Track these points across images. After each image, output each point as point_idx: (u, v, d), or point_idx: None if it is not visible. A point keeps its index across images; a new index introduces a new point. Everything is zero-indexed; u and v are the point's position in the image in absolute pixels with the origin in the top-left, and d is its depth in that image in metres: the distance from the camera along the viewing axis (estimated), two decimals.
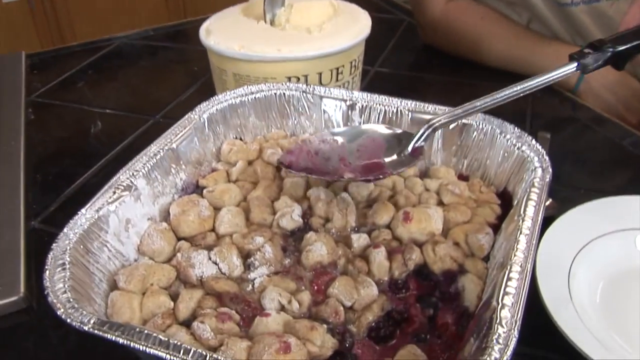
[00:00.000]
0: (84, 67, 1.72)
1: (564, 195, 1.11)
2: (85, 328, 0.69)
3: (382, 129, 0.98)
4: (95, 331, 0.68)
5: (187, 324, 0.78)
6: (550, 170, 0.89)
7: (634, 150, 1.32)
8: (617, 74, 1.53)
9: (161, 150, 0.95)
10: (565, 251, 0.95)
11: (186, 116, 1.03)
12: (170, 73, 1.72)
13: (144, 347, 0.65)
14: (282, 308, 0.79)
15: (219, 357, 0.63)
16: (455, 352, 0.76)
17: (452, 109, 0.94)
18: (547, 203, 1.07)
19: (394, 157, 0.94)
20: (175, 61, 1.78)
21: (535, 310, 0.85)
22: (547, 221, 0.96)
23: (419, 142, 0.93)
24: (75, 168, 1.27)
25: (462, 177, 1.02)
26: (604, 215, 1.01)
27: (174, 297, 0.82)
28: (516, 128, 0.96)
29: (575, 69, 0.90)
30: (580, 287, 0.91)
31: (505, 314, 0.67)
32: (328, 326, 0.77)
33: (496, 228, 0.89)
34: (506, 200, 0.94)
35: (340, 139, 0.97)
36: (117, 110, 1.50)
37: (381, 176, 0.92)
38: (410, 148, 0.93)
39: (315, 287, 0.83)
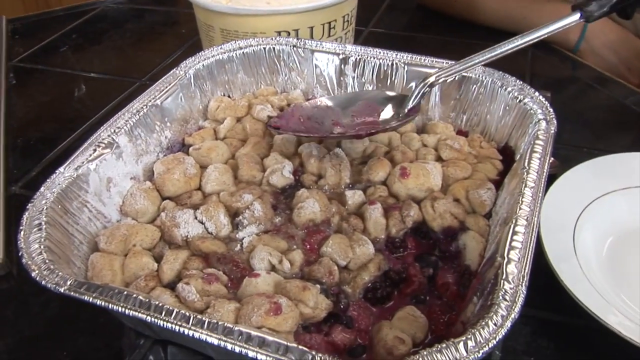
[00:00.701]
0: (68, 31, 1.67)
1: (566, 154, 1.07)
2: (61, 290, 0.64)
3: (378, 93, 0.93)
4: (72, 293, 0.64)
5: (171, 286, 0.73)
6: (555, 122, 0.84)
7: (637, 109, 1.28)
8: (618, 33, 1.49)
9: (144, 107, 0.91)
10: (570, 209, 0.90)
11: (171, 72, 0.99)
12: (157, 36, 1.67)
13: (124, 309, 0.61)
14: (273, 268, 0.75)
15: (204, 318, 0.59)
16: (457, 313, 0.72)
17: (449, 64, 0.89)
18: (550, 161, 1.03)
19: (390, 116, 0.90)
20: (162, 23, 1.73)
21: (539, 271, 0.81)
22: (549, 179, 0.92)
23: (415, 101, 0.88)
24: (58, 132, 1.22)
25: (461, 133, 0.97)
26: (609, 172, 0.96)
27: (158, 259, 0.77)
28: (518, 80, 0.92)
29: (579, 18, 0.85)
30: (585, 244, 0.86)
31: (511, 269, 0.63)
32: (322, 287, 0.73)
33: (498, 184, 0.85)
34: (508, 156, 0.89)
35: (333, 104, 0.93)
36: (102, 74, 1.45)
37: (373, 130, 0.87)
38: (407, 109, 0.89)
39: (308, 246, 0.78)
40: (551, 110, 0.86)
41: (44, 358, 0.79)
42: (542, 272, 0.79)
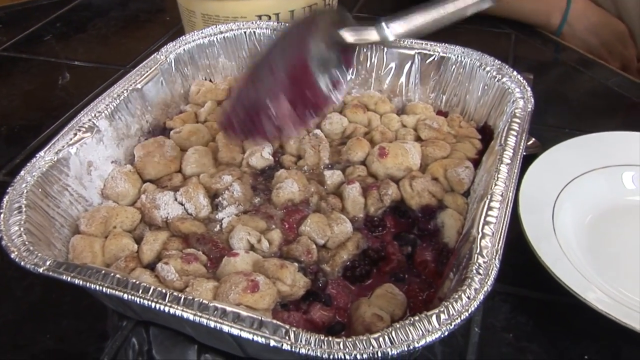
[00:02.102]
0: (52, 20, 1.66)
1: (548, 135, 1.07)
2: (40, 270, 0.65)
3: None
4: (51, 273, 0.64)
5: (152, 267, 0.74)
6: (532, 100, 0.85)
7: (619, 90, 1.28)
8: (600, 16, 1.49)
9: (125, 91, 0.91)
10: (549, 188, 0.91)
11: (152, 57, 0.99)
12: (141, 23, 1.66)
13: (101, 288, 0.61)
14: (252, 248, 0.75)
15: (180, 295, 0.59)
16: (435, 290, 0.73)
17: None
18: (530, 142, 1.04)
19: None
20: (147, 11, 1.72)
21: (518, 250, 0.82)
22: (530, 159, 0.93)
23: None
24: (42, 120, 1.22)
25: (441, 114, 0.98)
26: (589, 151, 0.97)
27: (139, 241, 0.78)
28: (496, 60, 0.92)
29: None
30: (565, 223, 0.87)
31: (485, 243, 0.63)
32: (300, 265, 0.74)
33: (477, 163, 0.85)
34: (487, 135, 0.90)
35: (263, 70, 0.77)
36: (86, 62, 1.44)
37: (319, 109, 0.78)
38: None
39: (287, 226, 0.79)
40: (529, 88, 0.86)
41: (27, 341, 0.79)
42: (521, 251, 0.80)
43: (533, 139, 1.06)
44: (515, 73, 0.89)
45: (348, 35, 0.74)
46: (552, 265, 0.76)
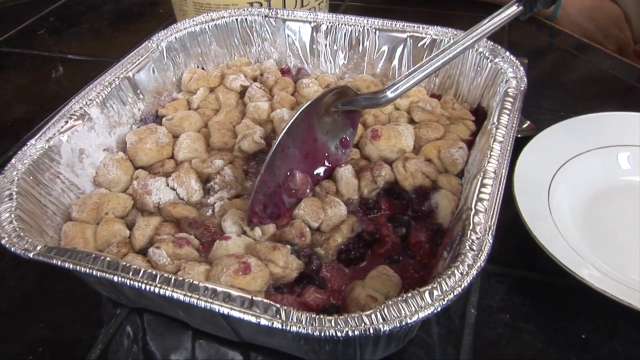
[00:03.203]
0: (45, 14, 1.66)
1: (544, 118, 1.06)
2: (30, 255, 0.64)
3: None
4: (41, 258, 0.64)
5: (144, 252, 0.73)
6: (525, 80, 0.84)
7: (615, 74, 1.28)
8: (594, 0, 1.48)
9: (116, 79, 0.91)
10: (545, 168, 0.90)
11: (143, 44, 0.98)
12: (134, 16, 1.66)
13: (92, 270, 0.61)
14: (244, 233, 0.74)
15: (170, 276, 0.59)
16: (430, 271, 0.72)
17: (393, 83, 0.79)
18: (525, 125, 1.04)
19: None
20: (140, 4, 1.71)
21: (514, 231, 0.82)
22: (525, 142, 0.92)
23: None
24: (35, 113, 1.22)
25: (435, 97, 0.97)
26: (584, 132, 0.97)
27: (131, 227, 0.77)
28: (489, 41, 0.92)
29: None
30: (560, 203, 0.87)
31: (478, 219, 0.63)
32: (293, 248, 0.73)
33: (471, 144, 0.85)
34: (481, 117, 0.89)
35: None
36: (79, 56, 1.44)
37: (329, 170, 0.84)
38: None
39: None
40: (521, 68, 0.86)
41: (21, 330, 0.78)
42: (517, 232, 0.80)
43: (528, 122, 1.05)
44: (507, 53, 0.89)
45: (351, 104, 0.81)
46: (548, 244, 0.76)
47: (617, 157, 0.94)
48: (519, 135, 1.00)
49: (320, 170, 0.82)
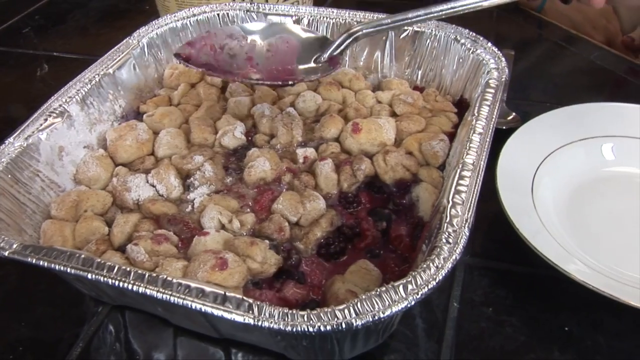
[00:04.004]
0: (31, 12, 1.65)
1: (530, 110, 1.06)
2: (6, 253, 0.64)
3: (299, 31, 0.88)
4: (16, 256, 0.63)
5: (123, 249, 0.73)
6: (507, 71, 0.84)
7: (603, 65, 1.27)
8: None
9: (96, 76, 0.90)
10: (528, 160, 0.90)
11: (124, 41, 0.98)
12: (120, 13, 1.65)
13: (66, 268, 0.60)
14: (223, 227, 0.74)
15: (144, 273, 0.58)
16: (410, 265, 0.72)
17: (380, 18, 0.86)
18: (510, 117, 1.03)
19: (309, 64, 0.85)
20: (126, 1, 1.70)
21: (498, 224, 0.81)
22: (509, 133, 0.92)
23: (337, 51, 0.84)
24: (20, 111, 1.21)
25: (417, 89, 0.96)
26: (568, 124, 0.96)
27: (111, 224, 0.77)
28: (471, 32, 0.91)
29: None
30: (544, 195, 0.86)
31: (455, 212, 0.63)
32: (272, 243, 0.73)
33: (453, 137, 0.84)
34: (463, 109, 0.89)
35: (250, 37, 0.88)
36: (65, 53, 1.43)
37: (291, 82, 0.86)
38: (327, 56, 0.84)
39: (259, 206, 0.77)
40: (503, 59, 0.85)
41: (2, 329, 0.78)
42: (500, 225, 0.79)
43: (513, 114, 1.05)
44: (489, 44, 0.88)
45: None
46: (532, 238, 0.75)
47: (601, 148, 0.94)
48: (504, 127, 0.99)
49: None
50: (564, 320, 0.75)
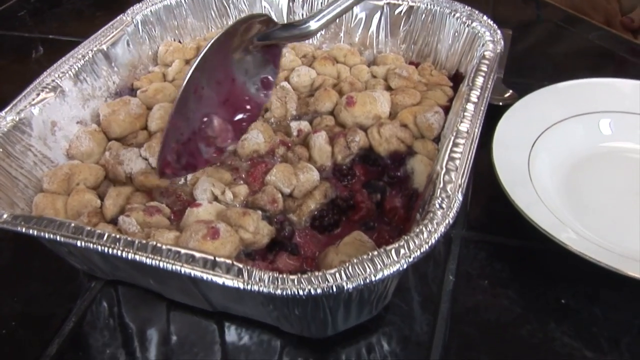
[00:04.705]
0: None
1: (528, 89, 1.04)
2: None
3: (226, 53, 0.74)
4: (6, 226, 0.63)
5: (115, 222, 0.72)
6: (502, 43, 0.83)
7: (602, 45, 1.26)
8: None
9: (90, 52, 0.90)
10: (525, 135, 0.89)
11: (117, 18, 0.98)
12: None
13: (56, 236, 0.60)
14: (216, 199, 0.73)
15: (134, 240, 0.58)
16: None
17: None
18: (508, 95, 1.02)
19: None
20: None
21: (494, 198, 0.81)
22: (506, 109, 0.91)
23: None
24: (14, 93, 1.19)
25: (413, 65, 0.95)
26: (565, 99, 0.95)
27: (103, 198, 0.76)
28: (466, 6, 0.91)
29: None
30: (541, 169, 0.85)
31: (448, 178, 0.62)
32: (265, 214, 0.72)
33: (448, 110, 0.83)
34: (459, 83, 0.88)
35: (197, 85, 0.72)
36: (61, 36, 1.43)
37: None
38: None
39: (252, 178, 0.77)
40: (499, 32, 0.85)
41: None
42: (497, 199, 0.79)
43: (510, 91, 1.04)
44: (485, 17, 0.87)
45: (271, 37, 0.75)
46: (527, 209, 0.75)
47: (598, 123, 0.93)
48: (500, 104, 0.98)
49: (242, 116, 0.76)
50: (560, 293, 0.75)
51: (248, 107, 0.76)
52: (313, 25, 0.72)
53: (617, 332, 0.71)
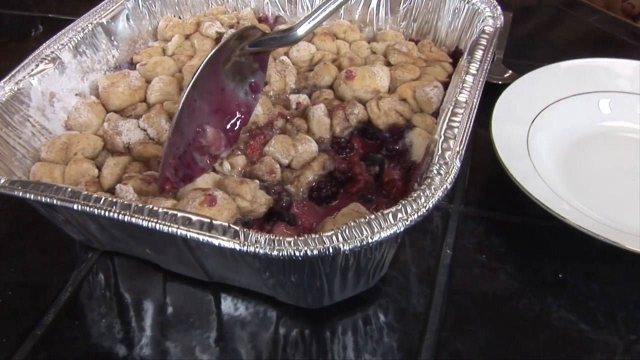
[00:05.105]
0: None
1: (526, 69, 1.04)
2: None
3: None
4: (2, 190, 0.63)
5: (113, 191, 0.72)
6: (502, 18, 0.83)
7: (602, 28, 1.26)
8: None
9: (89, 25, 0.89)
10: (524, 113, 0.89)
11: None
12: None
13: (52, 200, 0.60)
14: (213, 170, 0.73)
15: (131, 203, 0.58)
16: None
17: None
18: (508, 74, 1.02)
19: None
20: None
21: (494, 176, 0.81)
22: (506, 88, 0.91)
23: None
24: (13, 70, 1.20)
25: (413, 42, 0.95)
26: (565, 78, 0.95)
27: (101, 168, 0.76)
28: None
29: None
30: (540, 147, 0.85)
31: (446, 146, 0.62)
32: (263, 184, 0.72)
33: (447, 86, 0.83)
34: (458, 59, 0.87)
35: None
36: (61, 15, 1.42)
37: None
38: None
39: (250, 149, 0.76)
40: (499, 7, 0.84)
41: None
42: (496, 176, 0.79)
43: (510, 72, 1.04)
44: None
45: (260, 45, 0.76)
46: (524, 182, 0.74)
47: (598, 102, 0.93)
48: (500, 82, 0.98)
49: (234, 122, 0.76)
50: (558, 268, 0.75)
51: (238, 112, 0.76)
52: (300, 32, 0.74)
53: (614, 307, 0.71)
